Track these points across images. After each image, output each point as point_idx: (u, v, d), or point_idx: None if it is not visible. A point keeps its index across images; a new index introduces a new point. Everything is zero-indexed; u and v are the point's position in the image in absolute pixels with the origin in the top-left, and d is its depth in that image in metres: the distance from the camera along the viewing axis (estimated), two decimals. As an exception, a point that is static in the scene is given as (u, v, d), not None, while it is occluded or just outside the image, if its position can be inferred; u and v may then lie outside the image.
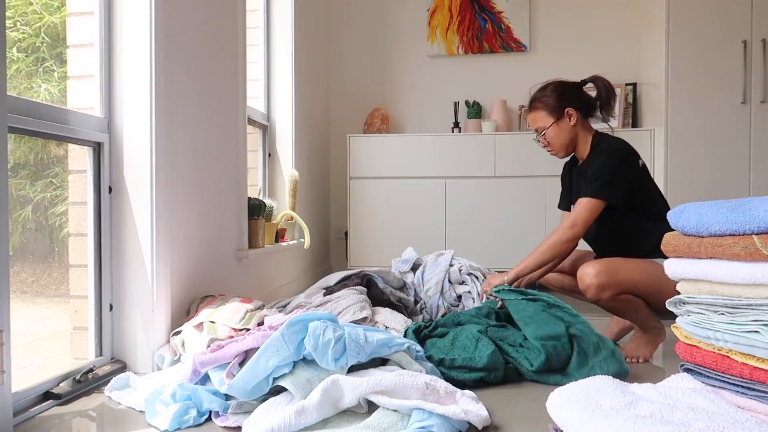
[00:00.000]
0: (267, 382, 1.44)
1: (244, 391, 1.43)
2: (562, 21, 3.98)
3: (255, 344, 1.51)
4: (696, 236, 1.29)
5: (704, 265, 1.26)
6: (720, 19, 3.33)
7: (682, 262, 1.33)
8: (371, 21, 4.19)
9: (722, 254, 1.21)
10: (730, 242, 1.19)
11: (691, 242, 1.30)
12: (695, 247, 1.28)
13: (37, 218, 1.85)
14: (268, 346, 1.46)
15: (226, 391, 1.44)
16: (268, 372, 1.44)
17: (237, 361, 1.51)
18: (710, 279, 1.25)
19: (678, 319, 1.35)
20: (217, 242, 2.35)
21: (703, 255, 1.26)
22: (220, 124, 2.38)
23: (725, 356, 1.22)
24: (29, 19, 1.83)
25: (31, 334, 1.92)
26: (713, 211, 1.25)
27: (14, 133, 1.52)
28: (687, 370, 1.33)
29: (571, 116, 2.13)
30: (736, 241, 1.18)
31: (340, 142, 4.18)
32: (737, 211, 1.20)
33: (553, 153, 2.20)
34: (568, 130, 2.14)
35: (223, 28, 2.42)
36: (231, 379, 1.46)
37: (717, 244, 1.22)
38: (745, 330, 1.16)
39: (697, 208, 1.30)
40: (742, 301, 1.18)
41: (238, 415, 1.44)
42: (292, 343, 1.47)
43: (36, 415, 1.50)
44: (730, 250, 1.19)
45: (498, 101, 3.91)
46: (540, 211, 3.55)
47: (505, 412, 1.51)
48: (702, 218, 1.27)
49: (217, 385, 1.48)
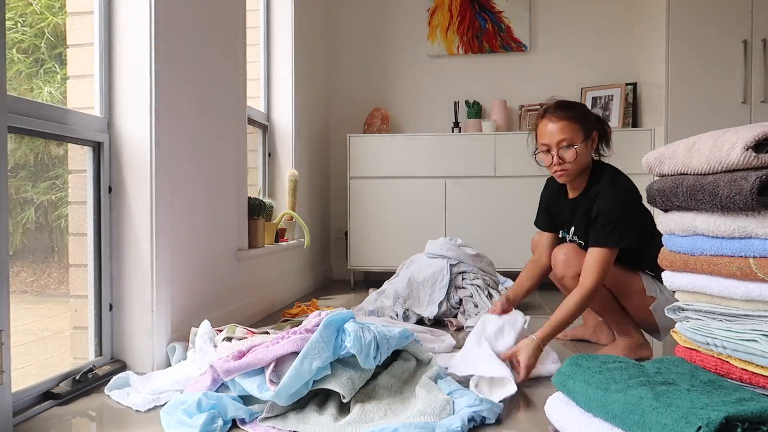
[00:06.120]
0: (306, 385, 1.44)
1: (287, 396, 1.42)
2: (562, 21, 3.98)
3: (293, 348, 1.49)
4: (691, 255, 1.29)
5: (701, 280, 1.26)
6: (720, 19, 3.33)
7: (680, 274, 1.34)
8: (371, 21, 4.19)
9: (718, 272, 1.21)
10: (726, 261, 1.19)
11: (687, 258, 1.30)
12: (691, 263, 1.28)
13: (37, 218, 1.85)
14: (310, 348, 1.46)
15: (272, 398, 1.41)
16: (311, 374, 1.44)
17: (273, 366, 1.49)
18: (708, 293, 1.25)
19: (677, 325, 1.36)
20: (217, 242, 2.35)
21: (699, 271, 1.27)
22: (220, 124, 2.38)
23: (725, 361, 1.22)
24: (30, 20, 1.83)
25: (31, 334, 1.93)
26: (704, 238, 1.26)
27: (14, 133, 1.52)
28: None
29: (594, 141, 1.96)
30: (731, 261, 1.17)
31: (340, 142, 4.18)
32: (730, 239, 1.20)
33: (562, 174, 1.94)
34: (587, 155, 1.95)
35: (223, 27, 2.42)
36: (272, 385, 1.44)
37: (712, 263, 1.22)
38: (743, 338, 1.16)
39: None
40: (740, 311, 1.18)
41: (270, 420, 1.42)
42: (329, 344, 1.48)
43: (36, 415, 1.50)
44: (726, 269, 1.18)
45: (498, 101, 3.91)
46: (540, 211, 3.54)
47: (505, 411, 1.51)
48: (694, 243, 1.27)
49: (255, 392, 1.45)
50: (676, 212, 1.35)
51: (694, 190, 1.22)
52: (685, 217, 1.30)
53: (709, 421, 0.93)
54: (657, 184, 1.39)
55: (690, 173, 1.28)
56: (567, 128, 1.90)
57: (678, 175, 1.32)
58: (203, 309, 2.20)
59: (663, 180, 1.38)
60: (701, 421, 0.94)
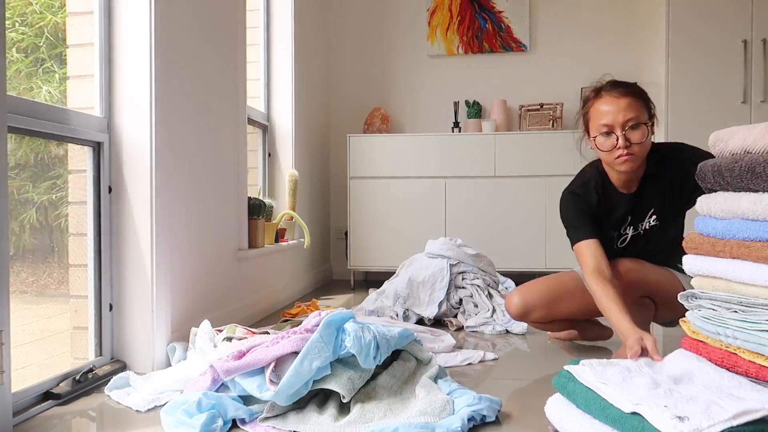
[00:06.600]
0: (306, 385, 1.44)
1: (287, 396, 1.41)
2: (562, 21, 3.98)
3: (293, 348, 1.49)
4: (721, 238, 1.28)
5: (726, 264, 1.25)
6: (720, 19, 3.33)
7: (702, 258, 1.33)
8: (371, 21, 4.19)
9: (748, 256, 1.20)
10: (759, 246, 1.18)
11: (715, 242, 1.29)
12: (719, 246, 1.27)
13: (37, 218, 1.85)
14: (310, 348, 1.45)
15: (272, 398, 1.41)
16: (311, 374, 1.43)
17: (273, 366, 1.49)
18: (729, 278, 1.24)
19: (688, 314, 1.35)
20: (217, 242, 2.35)
21: (727, 255, 1.25)
22: (220, 124, 2.38)
23: (732, 353, 1.22)
24: (30, 20, 1.83)
25: (31, 334, 1.93)
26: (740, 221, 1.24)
27: (14, 133, 1.52)
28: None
29: (656, 123, 1.80)
30: (765, 245, 1.17)
31: (340, 142, 4.18)
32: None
33: (628, 158, 1.74)
34: (651, 137, 1.78)
35: (223, 27, 2.42)
36: (272, 385, 1.44)
37: (744, 246, 1.21)
38: (757, 329, 1.16)
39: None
40: (759, 300, 1.17)
41: (270, 420, 1.42)
42: (329, 344, 1.48)
43: (36, 415, 1.50)
44: (758, 253, 1.17)
45: (498, 101, 3.91)
46: (540, 211, 3.55)
47: (505, 411, 1.51)
48: (730, 226, 1.26)
49: (255, 391, 1.45)
50: (722, 192, 1.33)
51: (755, 164, 1.19)
52: (729, 198, 1.28)
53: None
54: (713, 161, 1.36)
55: (756, 151, 1.24)
56: (633, 105, 1.71)
57: (742, 153, 1.29)
58: (203, 309, 2.20)
59: (721, 158, 1.34)
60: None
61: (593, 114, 1.78)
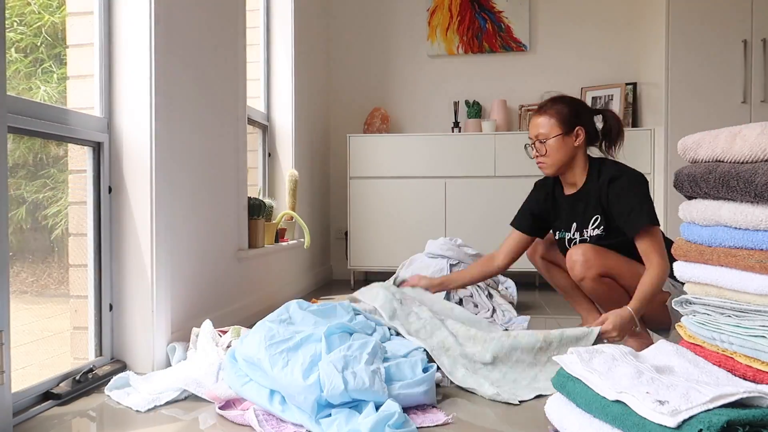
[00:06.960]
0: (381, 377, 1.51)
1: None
2: (562, 21, 3.98)
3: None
4: (708, 246, 1.28)
5: (715, 272, 1.24)
6: (720, 19, 3.33)
7: (693, 265, 1.32)
8: (371, 21, 4.19)
9: (735, 264, 1.19)
10: (746, 254, 1.17)
11: (703, 249, 1.28)
12: (707, 254, 1.26)
13: (36, 218, 1.85)
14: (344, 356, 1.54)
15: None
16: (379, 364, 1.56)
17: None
18: (720, 285, 1.24)
19: (683, 319, 1.35)
20: (217, 242, 2.35)
21: (715, 263, 1.25)
22: (220, 124, 2.38)
23: (729, 357, 1.21)
24: (28, 19, 1.83)
25: (31, 334, 1.93)
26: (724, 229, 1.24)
27: (14, 133, 1.51)
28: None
29: (579, 136, 2.06)
30: (750, 254, 1.16)
31: (340, 142, 4.17)
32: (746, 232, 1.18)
33: (542, 166, 2.10)
34: (570, 149, 2.06)
35: (223, 27, 2.42)
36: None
37: (730, 254, 1.20)
38: (752, 334, 1.15)
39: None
40: (751, 306, 1.16)
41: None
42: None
43: (36, 415, 1.50)
44: (743, 262, 1.17)
45: (498, 101, 3.91)
46: (540, 211, 3.54)
47: (505, 411, 1.51)
48: (714, 234, 1.25)
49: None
50: (702, 200, 1.31)
51: (728, 177, 1.19)
52: (710, 206, 1.27)
53: (710, 425, 0.93)
54: (688, 169, 1.35)
55: (727, 161, 1.24)
56: (544, 123, 2.07)
57: (713, 162, 1.29)
58: (203, 309, 2.20)
59: (695, 165, 1.33)
60: (702, 424, 0.94)
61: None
